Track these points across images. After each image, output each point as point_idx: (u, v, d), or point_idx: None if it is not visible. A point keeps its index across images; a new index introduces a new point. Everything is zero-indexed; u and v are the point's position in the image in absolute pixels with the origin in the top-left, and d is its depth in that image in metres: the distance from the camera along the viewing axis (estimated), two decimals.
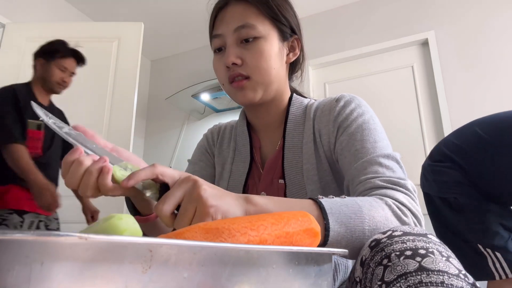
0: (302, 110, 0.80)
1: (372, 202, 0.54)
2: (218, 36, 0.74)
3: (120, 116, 2.27)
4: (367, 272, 0.43)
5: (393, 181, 0.60)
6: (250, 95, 0.73)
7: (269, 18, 0.73)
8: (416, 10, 2.91)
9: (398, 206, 0.55)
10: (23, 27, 2.44)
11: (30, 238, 0.21)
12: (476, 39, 2.67)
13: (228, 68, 0.72)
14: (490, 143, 1.22)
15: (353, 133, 0.69)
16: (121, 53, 2.39)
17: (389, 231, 0.45)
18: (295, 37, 0.79)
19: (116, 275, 0.25)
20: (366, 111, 0.72)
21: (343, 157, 0.69)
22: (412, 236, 0.42)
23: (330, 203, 0.52)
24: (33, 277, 0.21)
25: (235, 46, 0.72)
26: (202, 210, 0.44)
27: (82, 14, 3.22)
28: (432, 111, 2.74)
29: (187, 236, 0.36)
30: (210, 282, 0.30)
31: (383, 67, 2.97)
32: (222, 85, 0.77)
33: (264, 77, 0.72)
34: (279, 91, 0.78)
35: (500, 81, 2.53)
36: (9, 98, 1.78)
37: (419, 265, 0.38)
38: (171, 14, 3.29)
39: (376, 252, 0.42)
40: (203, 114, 3.54)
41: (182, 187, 0.46)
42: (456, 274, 0.37)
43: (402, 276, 0.37)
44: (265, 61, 0.72)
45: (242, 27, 0.71)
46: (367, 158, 0.64)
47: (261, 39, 0.72)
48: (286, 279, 0.37)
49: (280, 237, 0.41)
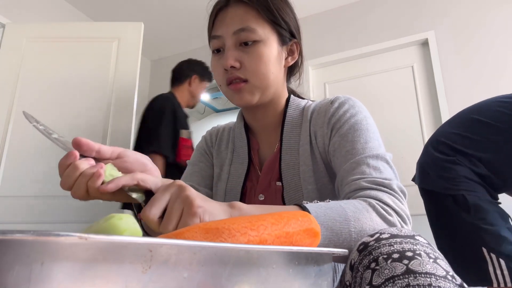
0: (299, 112, 0.80)
1: (356, 204, 0.55)
2: (217, 38, 0.74)
3: (120, 116, 2.27)
4: (356, 276, 0.43)
5: (377, 181, 0.60)
6: (247, 98, 0.73)
7: (269, 21, 0.73)
8: (416, 10, 2.91)
9: (382, 207, 0.55)
10: (23, 27, 2.44)
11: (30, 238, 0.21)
12: (476, 39, 2.67)
13: (226, 70, 0.72)
14: (498, 128, 1.18)
15: (345, 134, 0.69)
16: (121, 53, 2.39)
17: (377, 234, 0.45)
18: (294, 41, 0.79)
19: (116, 275, 0.25)
20: (359, 111, 0.72)
21: (335, 159, 0.69)
22: (399, 239, 0.42)
23: (316, 208, 0.52)
24: (33, 277, 0.21)
25: (234, 49, 0.72)
26: (190, 210, 0.43)
27: (82, 14, 3.22)
28: (432, 111, 2.74)
29: (187, 236, 0.36)
30: (210, 282, 0.30)
31: (383, 67, 2.97)
32: (219, 86, 0.77)
33: (262, 81, 0.72)
34: (277, 93, 0.78)
35: (500, 81, 2.53)
36: (170, 107, 1.99)
37: (407, 268, 0.38)
38: (171, 14, 3.29)
39: (364, 255, 0.43)
40: (203, 114, 3.54)
41: (168, 190, 0.46)
42: (444, 276, 0.37)
43: (390, 280, 0.38)
44: (264, 65, 0.72)
45: (242, 30, 0.71)
46: (356, 159, 0.64)
47: (261, 43, 0.72)
48: (286, 279, 0.37)
49: (280, 237, 0.41)
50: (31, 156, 2.17)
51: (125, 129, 2.25)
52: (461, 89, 2.62)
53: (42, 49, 2.37)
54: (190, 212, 0.43)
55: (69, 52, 2.36)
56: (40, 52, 2.36)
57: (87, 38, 2.41)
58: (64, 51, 2.36)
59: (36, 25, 2.46)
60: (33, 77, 2.32)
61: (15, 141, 2.20)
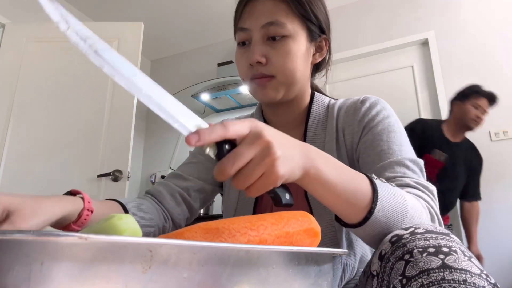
0: (323, 109, 0.78)
1: (414, 200, 0.53)
2: (244, 30, 0.71)
3: (120, 116, 2.27)
4: (386, 266, 0.43)
5: (423, 184, 0.59)
6: (272, 94, 0.71)
7: (299, 16, 0.70)
8: (416, 10, 2.91)
9: (430, 211, 0.55)
10: (23, 27, 2.43)
11: (30, 238, 0.21)
12: (476, 39, 2.67)
13: (252, 65, 0.70)
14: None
15: (378, 134, 0.68)
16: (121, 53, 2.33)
17: (411, 228, 0.45)
18: (324, 37, 0.77)
19: (116, 275, 0.25)
20: (391, 114, 0.72)
21: (366, 156, 0.68)
22: (435, 234, 0.42)
23: (383, 191, 0.50)
24: (33, 277, 0.21)
25: (261, 43, 0.69)
26: (270, 180, 0.40)
27: (82, 14, 3.21)
28: (432, 111, 2.74)
29: (187, 236, 0.36)
30: (210, 282, 0.30)
31: (383, 67, 2.97)
32: (242, 79, 0.74)
33: (288, 77, 0.70)
34: (302, 90, 0.76)
35: (500, 81, 2.53)
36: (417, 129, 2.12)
37: (442, 262, 0.38)
38: (171, 14, 3.28)
39: (397, 247, 0.42)
40: (203, 114, 3.54)
41: (253, 148, 0.39)
42: (478, 274, 0.37)
43: (425, 272, 0.37)
44: (291, 61, 0.69)
45: (270, 24, 0.68)
46: (395, 159, 0.63)
47: (289, 38, 0.69)
48: (286, 279, 0.37)
49: (280, 237, 0.40)
50: (31, 156, 2.17)
51: (125, 129, 2.25)
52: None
53: (42, 49, 2.37)
54: (270, 182, 0.40)
55: (69, 52, 2.36)
56: (40, 52, 2.36)
57: None
58: (64, 51, 2.36)
59: (36, 25, 2.46)
60: (32, 77, 2.32)
61: (15, 141, 2.20)
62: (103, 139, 2.22)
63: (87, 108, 2.27)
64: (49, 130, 2.20)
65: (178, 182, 0.80)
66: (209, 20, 3.29)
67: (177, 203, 0.78)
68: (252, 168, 0.39)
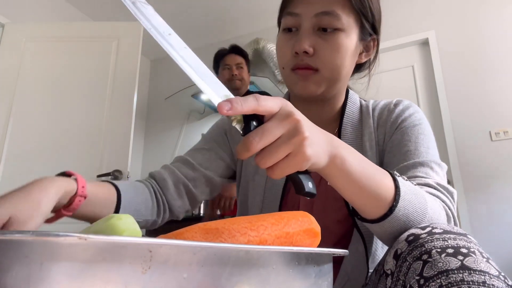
0: (357, 108, 0.77)
1: (434, 203, 0.53)
2: (294, 15, 0.66)
3: (120, 116, 2.27)
4: (402, 266, 0.42)
5: (443, 185, 0.59)
6: (312, 88, 0.67)
7: (357, 11, 0.66)
8: (416, 10, 2.91)
9: (447, 212, 0.55)
10: (23, 27, 2.43)
11: (30, 238, 0.21)
12: (476, 39, 2.67)
13: (297, 54, 0.65)
14: None
15: (408, 134, 0.68)
16: (120, 53, 2.39)
17: (428, 227, 0.44)
18: (373, 37, 0.73)
19: (115, 275, 0.25)
20: (423, 118, 0.73)
21: (392, 155, 0.68)
22: (453, 235, 0.42)
23: (405, 189, 0.49)
24: (32, 277, 0.21)
25: (311, 33, 0.65)
26: (297, 160, 0.39)
27: (82, 14, 3.21)
28: (432, 111, 2.74)
29: (187, 236, 0.36)
30: (210, 282, 0.30)
31: (383, 67, 2.97)
32: (281, 68, 0.70)
33: (333, 73, 0.66)
34: (341, 89, 0.74)
35: (500, 81, 2.53)
36: None
37: (461, 263, 0.38)
38: (171, 14, 3.28)
39: (414, 247, 0.42)
40: (203, 114, 3.53)
41: (283, 125, 0.38)
42: (497, 276, 0.37)
43: (444, 273, 0.37)
44: (340, 57, 0.65)
45: (325, 13, 0.63)
46: (420, 160, 0.63)
47: (342, 32, 0.65)
48: (286, 280, 0.37)
49: (280, 237, 0.40)
50: (31, 156, 2.17)
51: (125, 129, 2.25)
52: (461, 89, 2.62)
53: (42, 49, 2.37)
54: (297, 163, 0.39)
55: (69, 52, 2.36)
56: (39, 52, 2.36)
57: (86, 38, 2.41)
58: (64, 51, 2.36)
59: (36, 25, 2.46)
60: (32, 77, 2.32)
61: (15, 140, 2.20)
62: (103, 139, 2.22)
63: (87, 108, 2.27)
64: (49, 130, 2.20)
65: (185, 171, 0.76)
66: (209, 19, 3.29)
67: (179, 195, 0.75)
68: (279, 145, 0.38)
